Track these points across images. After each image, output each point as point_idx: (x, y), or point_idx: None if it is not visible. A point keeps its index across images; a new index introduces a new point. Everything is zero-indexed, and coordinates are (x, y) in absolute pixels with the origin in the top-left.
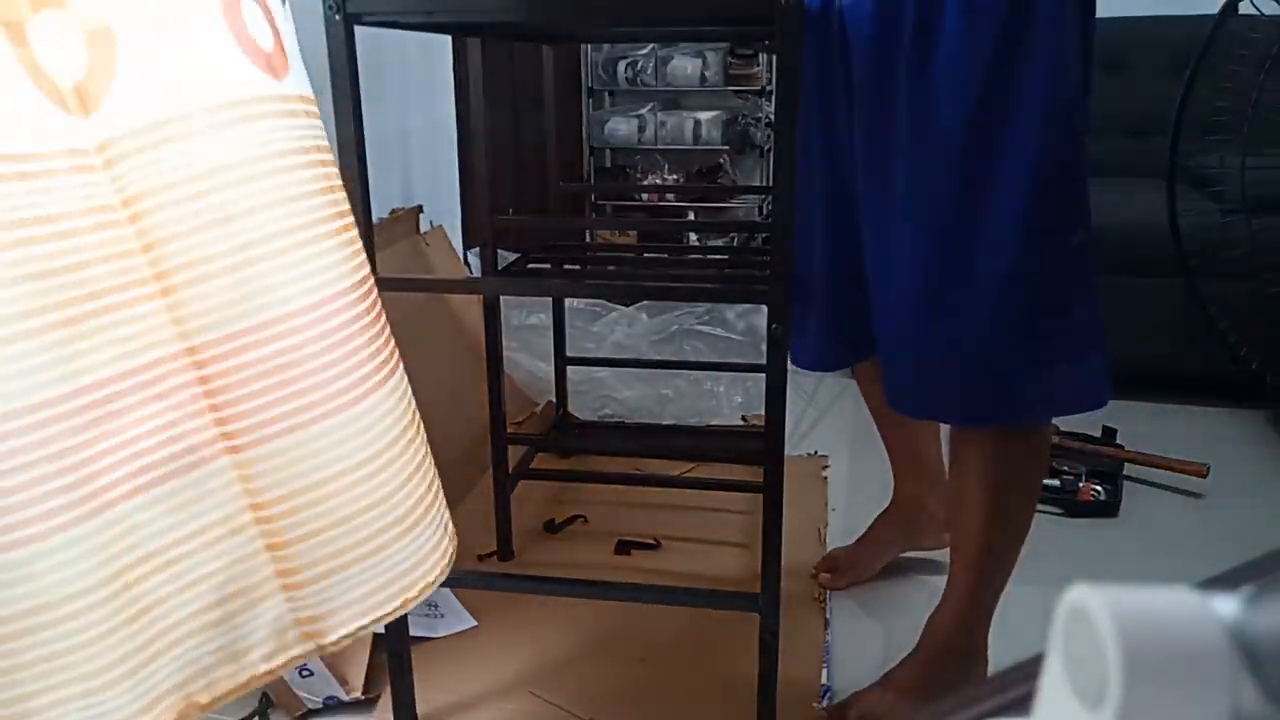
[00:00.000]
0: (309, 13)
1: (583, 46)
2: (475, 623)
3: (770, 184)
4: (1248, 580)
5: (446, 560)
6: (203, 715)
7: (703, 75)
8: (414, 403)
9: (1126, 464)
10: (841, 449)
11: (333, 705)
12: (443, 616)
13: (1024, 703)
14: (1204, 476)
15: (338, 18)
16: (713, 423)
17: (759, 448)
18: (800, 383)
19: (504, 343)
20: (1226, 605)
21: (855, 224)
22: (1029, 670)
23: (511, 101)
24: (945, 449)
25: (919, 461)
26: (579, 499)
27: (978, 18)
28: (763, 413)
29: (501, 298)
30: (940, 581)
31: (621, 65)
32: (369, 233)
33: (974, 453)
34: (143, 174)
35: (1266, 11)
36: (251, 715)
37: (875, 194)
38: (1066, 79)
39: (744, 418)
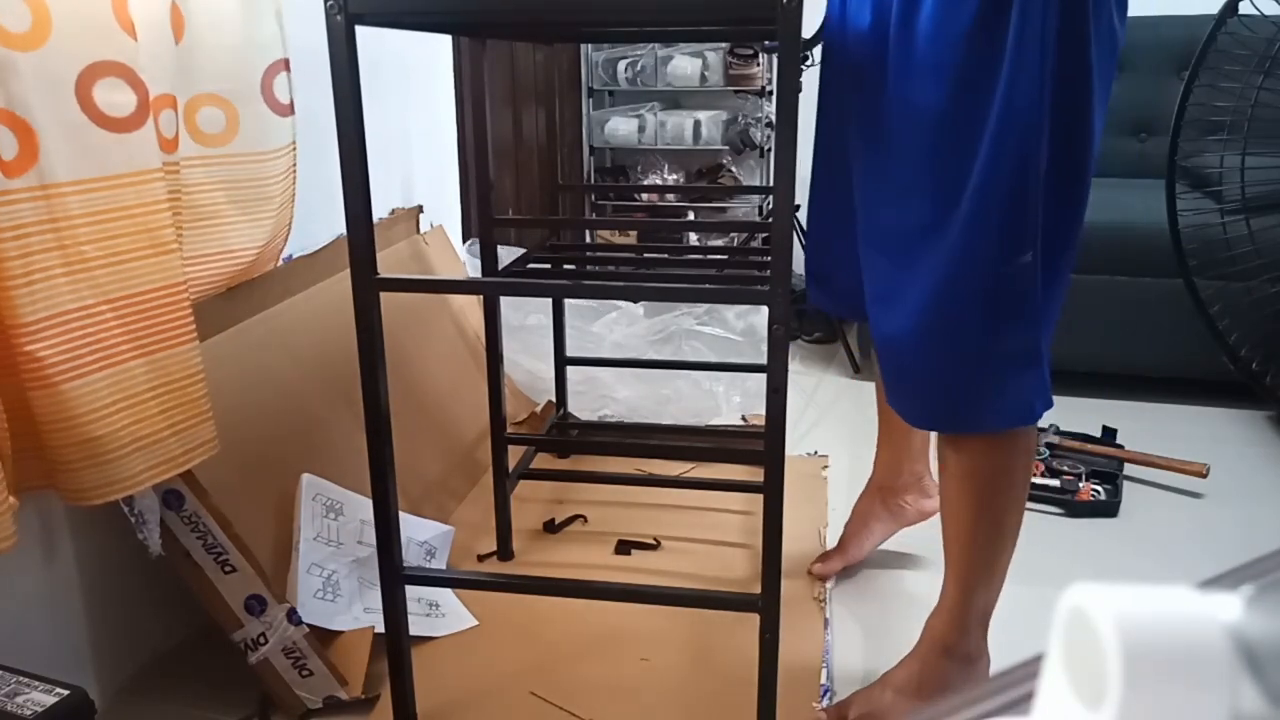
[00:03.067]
0: (309, 13)
1: (583, 46)
2: (475, 622)
3: (770, 184)
4: (1248, 580)
5: (171, 469)
6: None
7: (703, 75)
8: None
9: (1126, 464)
10: (841, 449)
11: (333, 705)
12: (443, 616)
13: (1024, 703)
14: (1204, 476)
15: (338, 18)
16: (712, 423)
17: (759, 448)
18: (800, 383)
19: (503, 343)
20: (1226, 605)
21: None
22: (1029, 670)
23: (511, 101)
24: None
25: (906, 436)
26: (579, 499)
27: (943, 42)
28: (762, 412)
29: (500, 299)
30: (939, 582)
31: (621, 65)
32: (369, 232)
33: (954, 456)
34: (36, 208)
35: (1267, 12)
36: (251, 716)
37: (860, 191)
38: (1024, 107)
39: (744, 418)
